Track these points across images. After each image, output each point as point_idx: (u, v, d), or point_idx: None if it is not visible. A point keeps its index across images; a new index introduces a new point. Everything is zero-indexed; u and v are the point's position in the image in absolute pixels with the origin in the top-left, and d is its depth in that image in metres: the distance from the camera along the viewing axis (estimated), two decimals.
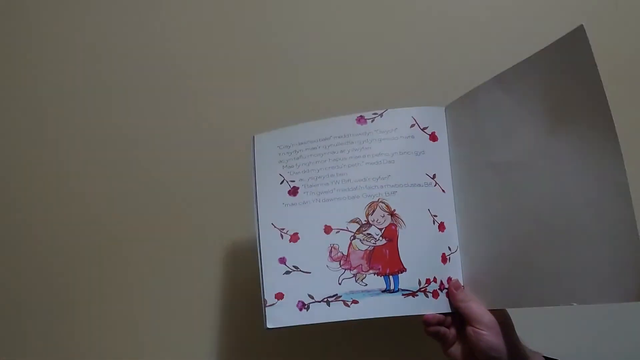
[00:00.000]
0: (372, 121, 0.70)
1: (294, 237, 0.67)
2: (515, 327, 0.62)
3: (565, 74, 0.54)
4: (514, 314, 0.63)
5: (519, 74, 0.60)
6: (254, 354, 0.85)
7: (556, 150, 0.55)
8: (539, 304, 0.58)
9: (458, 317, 0.64)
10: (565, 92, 0.54)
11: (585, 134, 0.52)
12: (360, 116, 0.70)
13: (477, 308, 0.61)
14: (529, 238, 0.58)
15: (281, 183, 0.69)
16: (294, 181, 0.69)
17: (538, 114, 0.57)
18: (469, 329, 0.61)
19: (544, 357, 0.60)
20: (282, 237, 0.67)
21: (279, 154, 0.70)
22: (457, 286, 0.65)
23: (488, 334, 0.59)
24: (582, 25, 0.52)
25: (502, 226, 0.61)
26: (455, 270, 0.66)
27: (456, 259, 0.67)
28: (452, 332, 0.64)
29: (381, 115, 0.70)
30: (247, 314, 0.84)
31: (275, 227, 0.68)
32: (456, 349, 0.64)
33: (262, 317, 0.64)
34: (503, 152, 0.62)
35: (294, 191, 0.69)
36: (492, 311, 0.61)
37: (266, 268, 0.66)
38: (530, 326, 0.66)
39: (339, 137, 0.70)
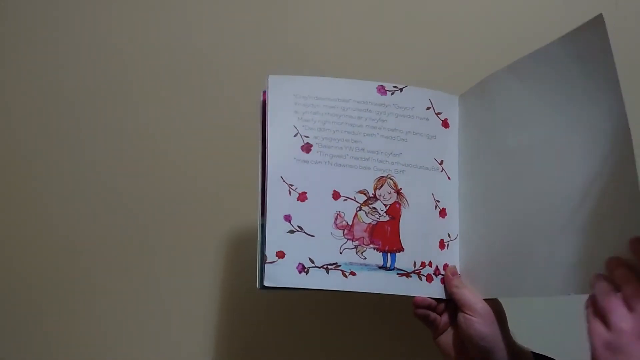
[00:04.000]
0: (391, 94, 0.68)
1: (302, 196, 0.63)
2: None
3: (581, 63, 0.54)
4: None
5: (533, 62, 0.60)
6: (252, 347, 0.81)
7: (565, 140, 0.56)
8: (537, 293, 0.59)
9: (451, 306, 0.64)
10: (579, 82, 0.54)
11: (598, 127, 0.52)
12: (381, 86, 0.68)
13: (471, 295, 0.61)
14: (531, 226, 0.58)
15: (295, 136, 0.65)
16: (308, 137, 0.65)
17: (549, 103, 0.58)
18: (460, 315, 0.61)
19: (533, 353, 0.62)
20: (290, 194, 0.63)
21: (295, 104, 0.65)
22: (454, 272, 0.65)
23: (479, 321, 0.59)
24: (600, 15, 0.52)
25: (504, 214, 0.62)
26: (453, 258, 0.66)
27: (455, 246, 0.67)
28: (443, 319, 0.64)
29: (401, 90, 0.68)
30: (247, 309, 0.81)
31: (284, 181, 0.63)
32: (446, 338, 0.64)
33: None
34: (510, 140, 0.62)
35: (307, 148, 0.64)
36: (486, 302, 0.61)
37: (270, 223, 0.61)
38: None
39: (357, 102, 0.67)
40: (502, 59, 0.81)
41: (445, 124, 0.70)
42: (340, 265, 0.62)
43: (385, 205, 0.65)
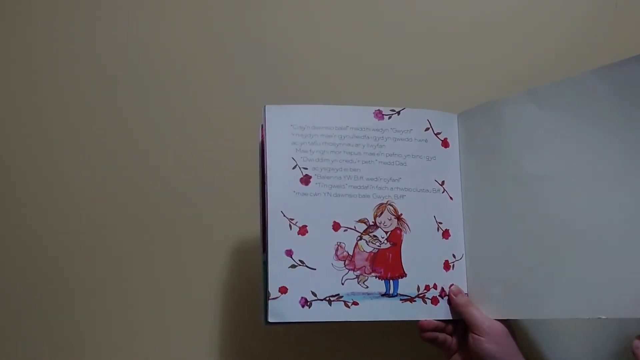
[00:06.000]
0: (389, 117, 0.68)
1: (303, 230, 0.64)
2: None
3: (621, 95, 0.56)
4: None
5: (558, 91, 0.61)
6: (256, 354, 0.82)
7: (597, 166, 0.57)
8: (562, 314, 0.59)
9: (460, 326, 0.65)
10: (617, 113, 0.56)
11: (634, 155, 0.55)
12: (378, 110, 0.68)
13: (478, 314, 0.62)
14: (557, 249, 0.59)
15: (293, 168, 0.65)
16: (307, 169, 0.65)
17: (577, 130, 0.59)
18: (469, 336, 0.62)
19: None
20: (291, 228, 0.64)
21: (292, 134, 0.66)
22: (457, 291, 0.65)
23: (487, 340, 0.60)
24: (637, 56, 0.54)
25: (523, 236, 0.62)
26: (459, 278, 0.67)
27: (461, 266, 0.67)
28: (453, 340, 0.65)
29: (398, 113, 0.68)
30: (251, 316, 0.80)
31: (284, 216, 0.64)
32: (459, 357, 0.65)
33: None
34: (531, 165, 0.62)
35: (306, 180, 0.65)
36: (494, 319, 0.62)
37: (273, 259, 0.62)
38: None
39: (355, 129, 0.67)
40: (500, 72, 0.81)
41: (445, 143, 0.69)
42: (342, 296, 0.63)
43: (386, 232, 0.66)
